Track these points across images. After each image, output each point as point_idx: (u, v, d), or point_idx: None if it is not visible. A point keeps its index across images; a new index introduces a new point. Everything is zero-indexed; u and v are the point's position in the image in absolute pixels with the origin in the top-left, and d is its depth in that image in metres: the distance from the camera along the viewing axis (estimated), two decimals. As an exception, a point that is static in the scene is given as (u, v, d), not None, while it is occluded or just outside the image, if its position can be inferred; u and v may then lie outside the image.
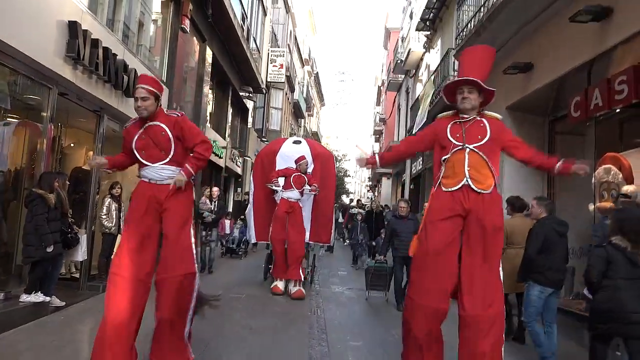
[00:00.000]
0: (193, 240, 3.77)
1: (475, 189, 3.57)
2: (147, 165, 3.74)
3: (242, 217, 12.34)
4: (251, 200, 8.70)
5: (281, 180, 7.91)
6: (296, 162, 7.99)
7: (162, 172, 3.73)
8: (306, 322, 5.97)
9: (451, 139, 3.70)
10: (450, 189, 3.64)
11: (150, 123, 3.76)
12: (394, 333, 5.70)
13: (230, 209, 15.87)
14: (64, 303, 5.76)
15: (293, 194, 7.75)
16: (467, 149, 3.61)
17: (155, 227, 3.72)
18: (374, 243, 11.68)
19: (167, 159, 3.74)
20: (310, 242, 8.50)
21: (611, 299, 3.55)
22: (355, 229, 12.88)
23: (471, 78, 3.67)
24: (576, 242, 6.61)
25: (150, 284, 3.66)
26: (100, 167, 4.15)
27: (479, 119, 3.73)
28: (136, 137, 3.77)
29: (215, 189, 10.19)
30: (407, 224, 7.18)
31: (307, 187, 7.88)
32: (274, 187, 7.81)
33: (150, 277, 3.67)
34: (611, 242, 3.70)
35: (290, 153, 8.37)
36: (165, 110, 3.92)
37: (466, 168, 3.58)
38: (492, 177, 3.60)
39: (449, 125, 3.75)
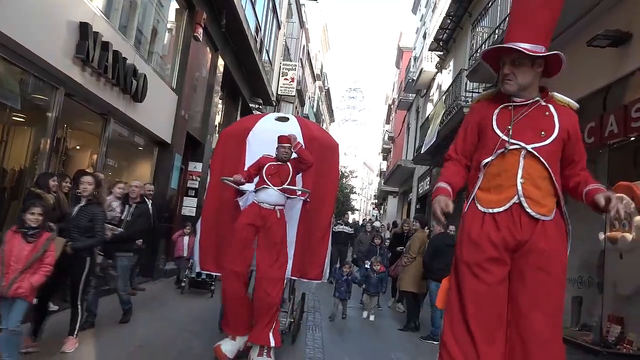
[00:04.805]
0: None
1: (531, 212, 2.41)
2: None
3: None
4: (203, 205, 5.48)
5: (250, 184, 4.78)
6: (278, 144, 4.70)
7: None
8: (301, 341, 5.80)
9: (498, 131, 2.50)
10: (491, 210, 2.47)
11: None
12: (393, 357, 5.54)
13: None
14: (56, 307, 5.64)
15: (269, 196, 4.53)
16: (524, 151, 2.44)
17: None
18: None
19: None
20: (293, 278, 5.07)
21: None
22: (369, 256, 8.49)
23: (511, 45, 2.43)
24: (585, 271, 6.44)
25: None
26: None
27: (543, 104, 2.52)
28: None
29: (135, 182, 6.15)
30: None
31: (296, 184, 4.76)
32: (231, 184, 4.69)
33: None
34: None
35: (270, 133, 4.91)
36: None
37: (519, 180, 2.43)
38: (555, 196, 2.48)
39: (497, 111, 2.55)
